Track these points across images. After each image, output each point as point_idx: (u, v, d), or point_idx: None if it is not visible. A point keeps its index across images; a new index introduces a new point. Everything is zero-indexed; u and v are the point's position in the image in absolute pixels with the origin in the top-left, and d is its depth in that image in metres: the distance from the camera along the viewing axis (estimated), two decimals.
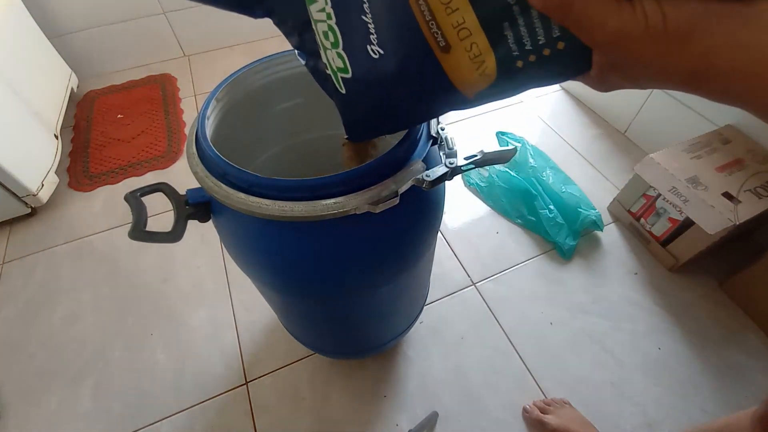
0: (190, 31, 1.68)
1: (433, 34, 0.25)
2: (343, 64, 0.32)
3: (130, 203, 0.45)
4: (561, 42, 0.23)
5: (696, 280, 0.97)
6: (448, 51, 0.26)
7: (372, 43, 0.29)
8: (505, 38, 0.24)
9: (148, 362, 0.90)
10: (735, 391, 0.82)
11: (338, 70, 0.34)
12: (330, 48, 0.32)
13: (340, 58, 0.32)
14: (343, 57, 0.32)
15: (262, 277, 0.54)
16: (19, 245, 1.12)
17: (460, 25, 0.24)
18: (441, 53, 0.26)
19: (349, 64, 0.32)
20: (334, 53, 0.32)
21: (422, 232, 0.53)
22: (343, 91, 0.35)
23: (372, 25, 0.28)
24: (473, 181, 1.19)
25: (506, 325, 0.92)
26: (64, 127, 1.37)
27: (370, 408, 0.82)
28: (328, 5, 0.30)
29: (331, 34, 0.31)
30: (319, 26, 0.32)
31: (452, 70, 0.27)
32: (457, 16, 0.24)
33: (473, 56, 0.25)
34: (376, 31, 0.28)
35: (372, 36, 0.29)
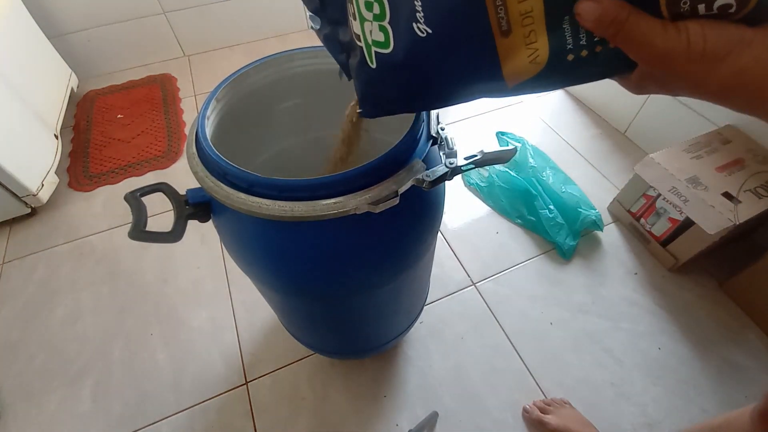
0: (190, 31, 1.68)
1: (499, 17, 0.25)
2: (385, 38, 0.31)
3: (130, 203, 0.45)
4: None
5: (696, 280, 0.97)
6: (507, 36, 0.26)
7: (418, 21, 0.28)
8: (563, 31, 0.24)
9: (148, 362, 0.90)
10: (735, 391, 0.82)
11: (375, 44, 0.32)
12: (371, 20, 0.31)
13: (383, 31, 0.31)
14: (387, 31, 0.31)
15: (262, 277, 0.54)
16: (19, 245, 1.12)
17: (527, 12, 0.24)
18: (500, 37, 0.26)
19: (393, 38, 0.31)
20: (376, 26, 0.31)
21: (422, 232, 0.53)
22: (372, 66, 0.33)
23: (420, 2, 0.27)
24: (473, 181, 1.19)
25: (506, 325, 0.92)
26: (64, 127, 1.37)
27: (370, 408, 0.82)
28: None
29: (378, 5, 0.30)
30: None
31: (505, 56, 0.27)
32: (526, 4, 0.24)
33: (529, 43, 0.26)
34: (423, 10, 0.28)
35: (419, 14, 0.28)
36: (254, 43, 1.78)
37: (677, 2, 0.20)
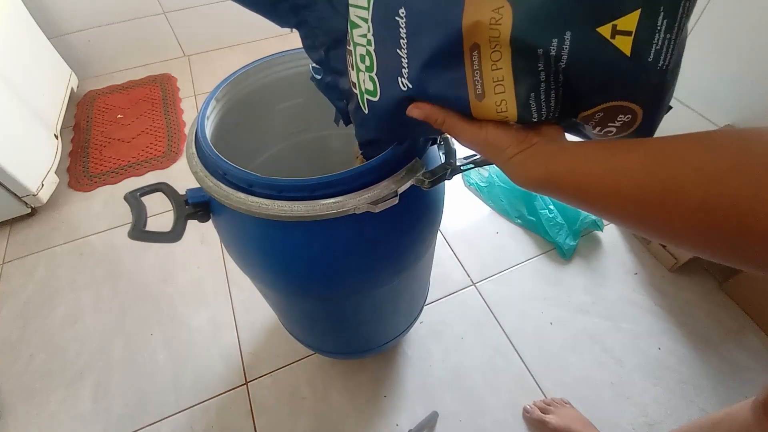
0: (190, 31, 1.68)
1: (475, 82, 0.29)
2: (373, 88, 0.35)
3: (130, 203, 0.45)
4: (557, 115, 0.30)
5: (696, 280, 0.97)
6: (481, 100, 0.30)
7: (402, 76, 0.32)
8: (529, 107, 0.29)
9: (148, 362, 0.90)
10: (735, 391, 0.82)
11: (366, 92, 0.36)
12: (364, 71, 0.35)
13: (372, 81, 0.35)
14: (375, 82, 0.35)
15: (262, 277, 0.54)
16: (19, 245, 1.12)
17: (498, 81, 0.28)
18: (474, 99, 0.30)
19: (379, 89, 0.35)
20: (367, 76, 0.35)
21: (422, 231, 0.53)
22: (365, 111, 0.38)
23: (406, 60, 0.31)
24: (473, 181, 1.19)
25: (506, 325, 0.92)
26: (64, 127, 1.37)
27: (370, 408, 0.82)
28: (369, 33, 0.33)
29: (368, 58, 0.34)
30: (358, 50, 0.35)
31: (479, 117, 0.31)
32: (498, 73, 0.28)
33: (500, 110, 0.30)
34: (408, 67, 0.31)
35: (404, 70, 0.31)
36: (254, 43, 1.78)
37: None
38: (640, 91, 0.28)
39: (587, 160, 0.27)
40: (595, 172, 0.26)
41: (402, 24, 0.30)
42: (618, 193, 0.25)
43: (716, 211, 0.20)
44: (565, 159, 0.28)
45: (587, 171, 0.26)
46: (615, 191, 0.25)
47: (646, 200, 0.23)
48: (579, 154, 0.27)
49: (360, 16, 0.33)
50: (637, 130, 0.30)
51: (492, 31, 0.26)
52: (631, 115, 0.29)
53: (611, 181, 0.25)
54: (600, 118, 0.30)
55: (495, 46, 0.27)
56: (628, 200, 0.24)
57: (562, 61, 0.26)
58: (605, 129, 0.30)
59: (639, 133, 0.30)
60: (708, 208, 0.21)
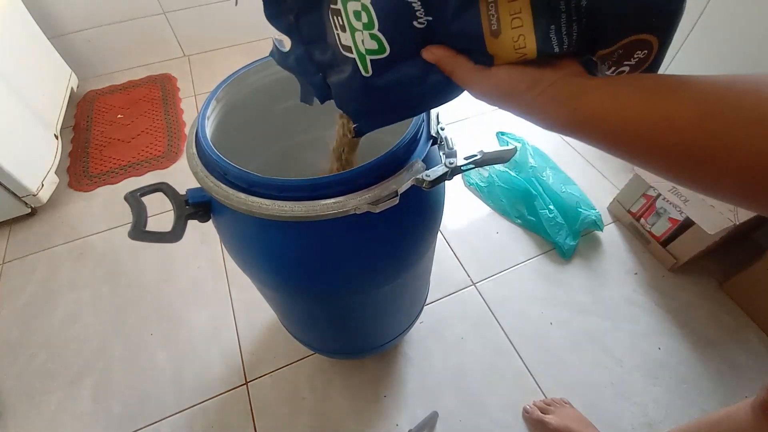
0: (190, 31, 1.68)
1: (490, 17, 0.27)
2: (378, 46, 0.32)
3: (130, 203, 0.45)
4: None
5: (696, 280, 0.97)
6: (497, 36, 0.28)
7: (418, 18, 0.30)
8: (549, 38, 0.27)
9: (148, 362, 0.90)
10: (735, 391, 0.82)
11: (368, 52, 0.33)
12: (362, 30, 0.32)
13: (374, 39, 0.32)
14: (378, 38, 0.32)
15: (262, 277, 0.54)
16: (19, 245, 1.12)
17: (516, 14, 0.27)
18: (490, 37, 0.28)
19: (387, 42, 0.32)
20: (366, 35, 0.32)
21: (422, 231, 0.53)
22: (368, 74, 0.35)
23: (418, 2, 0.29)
24: (473, 181, 1.19)
25: (506, 325, 0.92)
26: (64, 127, 1.37)
27: (370, 408, 0.82)
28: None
29: (365, 14, 0.31)
30: (351, 6, 0.32)
31: (495, 54, 0.29)
32: (514, 5, 0.27)
33: (518, 47, 0.28)
34: (422, 5, 0.29)
35: (418, 12, 0.30)
36: (254, 43, 1.78)
37: None
38: (661, 18, 0.26)
39: (619, 100, 0.24)
40: (630, 116, 0.23)
41: None
42: (658, 141, 0.22)
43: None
44: (593, 99, 0.25)
45: (620, 114, 0.24)
46: (654, 139, 0.23)
47: (692, 153, 0.21)
48: (609, 93, 0.25)
49: None
50: (648, 68, 0.28)
51: None
52: (647, 50, 0.27)
53: (650, 128, 0.22)
54: (618, 55, 0.28)
55: None
56: (671, 150, 0.22)
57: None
58: (619, 68, 0.29)
59: (649, 70, 0.29)
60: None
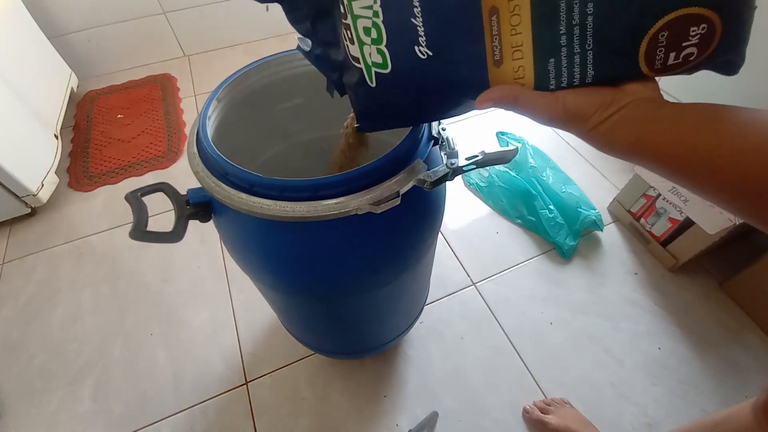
0: (190, 31, 1.68)
1: (493, 47, 0.29)
2: (383, 60, 0.34)
3: (131, 203, 0.45)
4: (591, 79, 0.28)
5: (696, 280, 0.97)
6: (499, 66, 0.30)
7: (420, 45, 0.31)
8: (547, 71, 0.29)
9: (148, 362, 0.90)
10: (735, 391, 0.82)
11: (374, 65, 0.35)
12: (370, 44, 0.34)
13: (380, 54, 0.34)
14: (384, 54, 0.33)
15: (262, 277, 0.54)
16: (19, 245, 1.12)
17: (517, 47, 0.29)
18: (492, 66, 0.30)
19: (390, 60, 0.34)
20: (374, 49, 0.34)
21: (423, 232, 0.53)
22: (372, 84, 0.36)
23: (422, 28, 0.30)
24: (473, 182, 1.19)
25: (506, 325, 0.92)
26: (64, 127, 1.37)
27: (370, 408, 0.82)
28: (376, 4, 0.31)
29: (375, 30, 0.33)
30: (360, 22, 0.33)
31: (495, 83, 0.31)
32: (517, 38, 0.28)
33: (517, 77, 0.30)
34: (425, 34, 0.31)
35: (421, 38, 0.31)
36: (254, 43, 1.78)
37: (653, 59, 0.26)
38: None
39: (688, 129, 0.23)
40: (699, 147, 0.22)
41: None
42: (724, 174, 0.21)
43: None
44: (660, 128, 0.24)
45: (688, 145, 0.22)
46: (721, 171, 0.21)
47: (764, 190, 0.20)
48: (678, 122, 0.23)
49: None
50: (722, 45, 0.25)
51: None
52: (705, 24, 0.24)
53: (718, 161, 0.21)
54: (667, 40, 0.25)
55: (514, 8, 0.27)
56: (739, 185, 0.21)
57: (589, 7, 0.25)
58: (683, 53, 0.26)
59: (725, 49, 0.26)
60: None
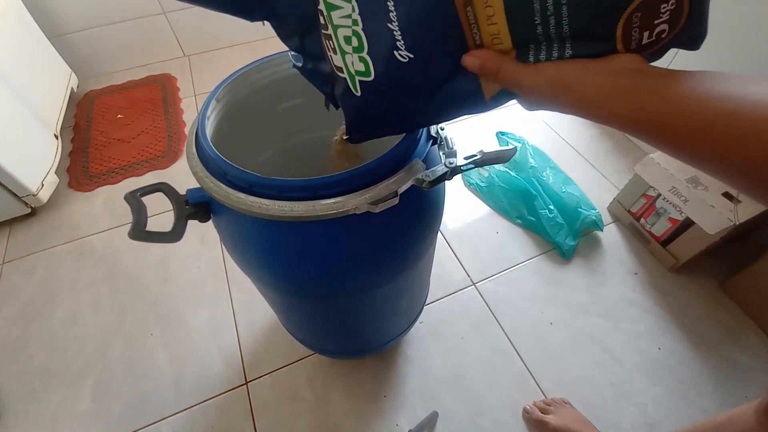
0: (190, 31, 1.68)
1: (473, 37, 0.30)
2: (365, 68, 0.34)
3: (130, 203, 0.45)
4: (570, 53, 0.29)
5: (696, 280, 0.97)
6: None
7: (399, 49, 0.32)
8: (527, 49, 0.29)
9: (148, 362, 0.90)
10: (735, 391, 0.82)
11: (357, 73, 0.35)
12: (351, 52, 0.34)
13: (363, 62, 0.34)
14: (366, 61, 0.34)
15: (262, 277, 0.54)
16: (19, 245, 1.12)
17: (495, 35, 0.29)
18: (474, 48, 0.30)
19: (372, 67, 0.34)
20: (356, 57, 0.34)
21: (422, 231, 0.53)
22: (357, 93, 0.37)
23: (398, 32, 0.31)
24: (473, 181, 1.19)
25: (506, 325, 0.92)
26: (64, 127, 1.37)
27: (370, 408, 0.82)
28: (355, 12, 0.31)
29: (356, 39, 0.33)
30: (341, 31, 0.33)
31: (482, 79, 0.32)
32: (493, 28, 0.29)
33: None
34: (403, 38, 0.31)
35: (399, 42, 0.31)
36: (254, 43, 1.78)
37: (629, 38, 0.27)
38: None
39: (683, 97, 0.23)
40: (697, 117, 0.22)
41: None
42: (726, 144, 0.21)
43: None
44: (658, 94, 0.24)
45: (686, 113, 0.22)
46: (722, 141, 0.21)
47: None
48: (675, 86, 0.23)
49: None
50: (689, 20, 0.26)
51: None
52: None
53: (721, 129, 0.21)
54: (640, 19, 0.26)
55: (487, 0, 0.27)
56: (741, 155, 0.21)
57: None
58: (656, 30, 0.27)
59: (692, 22, 0.27)
60: None
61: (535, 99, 0.30)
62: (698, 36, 0.28)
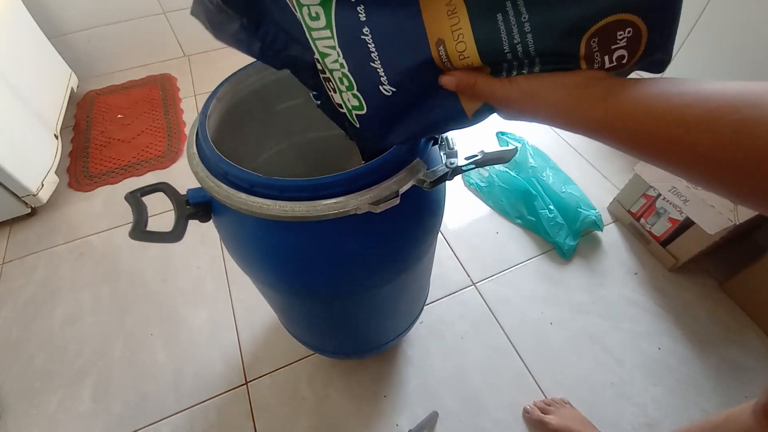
0: (190, 31, 1.68)
1: (445, 65, 0.33)
2: (359, 103, 0.39)
3: (131, 203, 0.45)
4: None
5: (696, 280, 0.97)
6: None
7: (383, 84, 0.35)
8: (500, 67, 0.32)
9: (148, 362, 0.90)
10: (735, 391, 0.82)
11: (353, 108, 0.40)
12: (345, 90, 0.38)
13: (356, 98, 0.38)
14: (359, 97, 0.38)
15: (262, 277, 0.54)
16: (19, 245, 1.12)
17: (469, 65, 0.32)
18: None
19: (364, 102, 0.38)
20: (350, 95, 0.38)
21: (423, 232, 0.53)
22: (357, 125, 0.41)
23: (381, 69, 0.35)
24: (473, 181, 1.19)
25: (506, 325, 0.92)
26: (64, 127, 1.37)
27: (370, 408, 0.82)
28: (340, 57, 0.35)
29: (346, 79, 0.37)
30: (335, 74, 0.38)
31: (461, 98, 0.35)
32: (466, 61, 0.32)
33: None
34: (385, 74, 0.35)
35: (382, 78, 0.35)
36: None
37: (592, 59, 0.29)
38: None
39: (653, 100, 0.24)
40: (664, 117, 0.23)
41: (369, 41, 0.33)
42: (691, 144, 0.22)
43: None
44: (625, 99, 0.25)
45: (654, 115, 0.23)
46: (687, 142, 0.22)
47: (730, 159, 0.21)
48: (641, 93, 0.24)
49: (327, 46, 0.35)
50: (650, 46, 0.27)
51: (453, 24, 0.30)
52: (631, 28, 0.27)
53: (684, 131, 0.22)
54: (598, 45, 0.28)
55: (458, 37, 0.30)
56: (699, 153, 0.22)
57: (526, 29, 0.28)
58: (615, 55, 0.28)
59: (653, 49, 0.28)
60: None
61: (511, 110, 0.32)
62: (662, 62, 0.29)
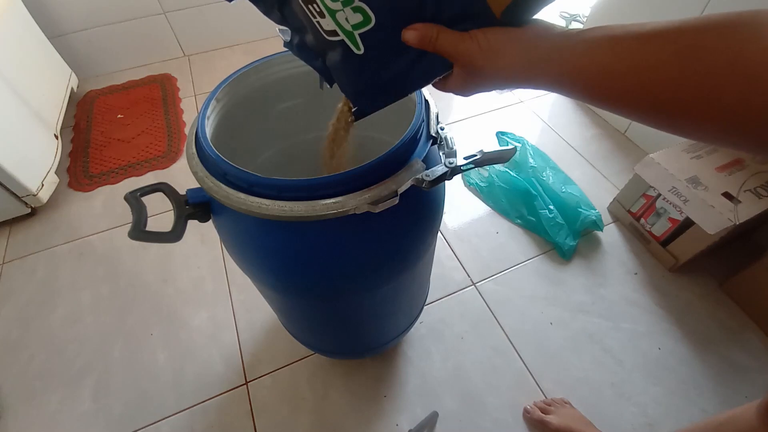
0: (190, 31, 1.68)
1: None
2: (363, 16, 0.32)
3: (130, 203, 0.45)
4: None
5: (696, 280, 0.97)
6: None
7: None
8: None
9: (148, 362, 0.90)
10: (735, 391, 0.82)
11: (355, 27, 0.33)
12: (341, 8, 0.32)
13: (358, 11, 0.32)
14: (363, 8, 0.32)
15: (262, 277, 0.54)
16: (19, 245, 1.12)
17: None
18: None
19: (371, 11, 0.32)
20: (348, 10, 0.32)
21: (422, 232, 0.53)
22: (360, 51, 0.34)
23: None
24: (473, 181, 1.19)
25: (506, 325, 0.92)
26: (64, 127, 1.37)
27: (370, 408, 0.82)
28: None
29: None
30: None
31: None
32: None
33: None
34: None
35: None
36: (254, 43, 1.78)
37: None
38: None
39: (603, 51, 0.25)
40: (617, 67, 0.24)
41: None
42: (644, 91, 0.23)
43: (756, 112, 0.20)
44: (578, 53, 0.26)
45: (604, 65, 0.25)
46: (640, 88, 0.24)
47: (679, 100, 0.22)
48: (594, 46, 0.25)
49: None
50: None
51: None
52: None
53: (636, 78, 0.23)
54: None
55: None
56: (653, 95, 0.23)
57: None
58: None
59: None
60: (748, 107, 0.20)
61: (473, 68, 0.32)
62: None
